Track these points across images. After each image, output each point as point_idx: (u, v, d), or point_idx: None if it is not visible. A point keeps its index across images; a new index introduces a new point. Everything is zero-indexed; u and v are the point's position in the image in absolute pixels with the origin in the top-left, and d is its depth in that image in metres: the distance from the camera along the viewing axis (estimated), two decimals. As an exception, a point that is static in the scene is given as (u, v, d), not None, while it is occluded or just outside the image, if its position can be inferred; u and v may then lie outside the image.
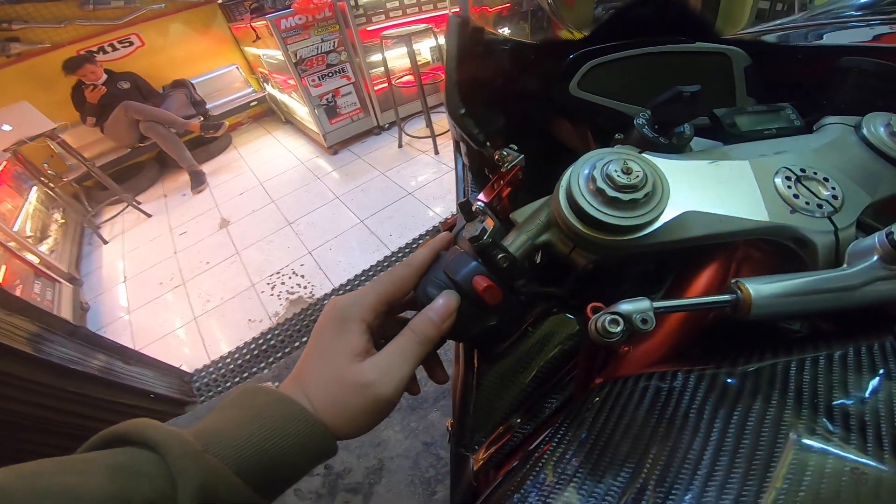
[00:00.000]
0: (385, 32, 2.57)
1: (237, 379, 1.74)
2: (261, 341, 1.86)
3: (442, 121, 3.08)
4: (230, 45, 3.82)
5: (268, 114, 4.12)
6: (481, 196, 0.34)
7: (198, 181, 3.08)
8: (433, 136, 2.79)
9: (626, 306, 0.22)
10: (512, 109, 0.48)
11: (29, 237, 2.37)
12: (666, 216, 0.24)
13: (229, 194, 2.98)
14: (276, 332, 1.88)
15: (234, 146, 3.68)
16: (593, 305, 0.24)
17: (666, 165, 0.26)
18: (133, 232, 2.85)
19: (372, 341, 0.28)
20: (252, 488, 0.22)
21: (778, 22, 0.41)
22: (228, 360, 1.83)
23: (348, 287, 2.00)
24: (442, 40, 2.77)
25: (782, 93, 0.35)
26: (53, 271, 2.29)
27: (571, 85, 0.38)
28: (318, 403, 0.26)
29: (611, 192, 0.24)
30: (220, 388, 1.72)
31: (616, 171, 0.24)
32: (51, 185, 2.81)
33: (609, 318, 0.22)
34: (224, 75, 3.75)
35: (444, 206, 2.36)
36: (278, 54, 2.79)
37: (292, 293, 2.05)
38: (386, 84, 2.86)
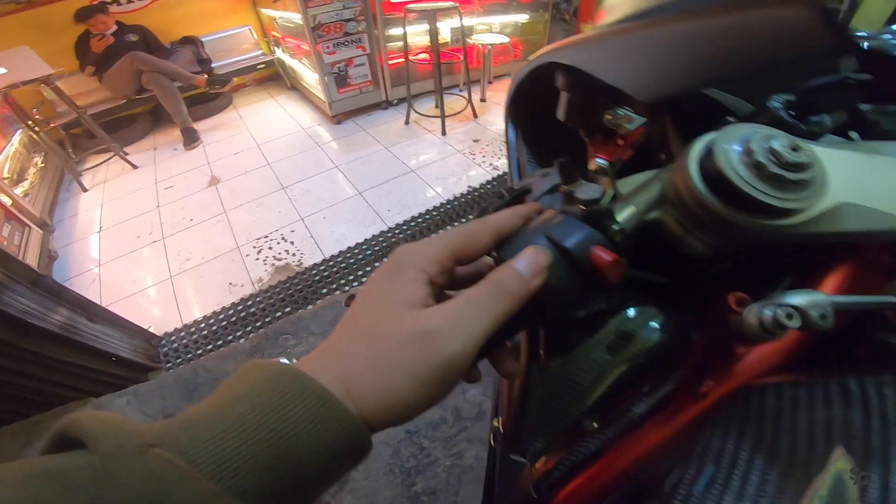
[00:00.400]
0: (410, 5, 2.48)
1: (210, 346, 1.61)
2: (240, 307, 1.73)
3: (453, 102, 2.99)
4: (246, 6, 3.69)
5: (273, 78, 3.99)
6: (603, 154, 0.30)
7: (190, 138, 2.97)
8: (442, 117, 2.72)
9: (798, 299, 0.20)
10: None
11: (5, 178, 2.22)
12: (822, 204, 0.22)
13: (223, 153, 2.84)
14: (258, 299, 1.75)
15: (235, 107, 3.55)
16: (738, 297, 0.23)
17: (817, 152, 0.24)
18: (116, 182, 2.70)
19: (433, 295, 0.23)
20: (240, 498, 0.15)
21: (878, 32, 0.41)
22: (203, 325, 1.69)
23: (339, 259, 1.88)
24: (467, 22, 2.70)
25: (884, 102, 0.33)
26: (25, 215, 2.14)
27: None
28: (349, 375, 0.19)
29: (773, 169, 0.21)
30: (189, 356, 1.59)
31: (784, 146, 0.22)
32: (36, 129, 2.70)
33: (784, 311, 0.20)
34: (235, 35, 3.65)
35: (444, 187, 2.27)
36: (296, 17, 2.68)
37: (279, 259, 1.93)
38: (402, 59, 2.79)
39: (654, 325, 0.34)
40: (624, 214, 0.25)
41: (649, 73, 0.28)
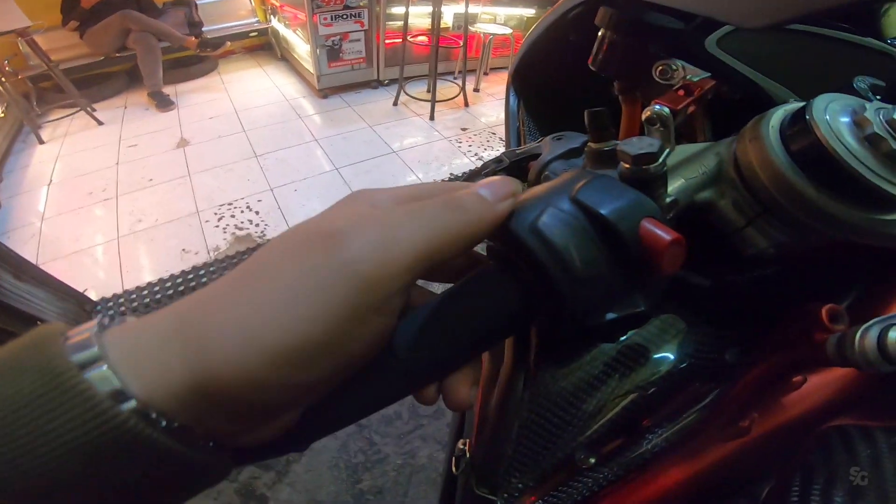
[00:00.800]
0: (418, -16, 2.40)
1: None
2: (191, 276, 1.60)
3: (445, 89, 2.91)
4: (250, -31, 3.55)
5: (264, 48, 3.85)
6: (663, 100, 0.24)
7: (163, 102, 2.81)
8: (433, 102, 2.64)
9: None
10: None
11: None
12: None
13: (197, 116, 2.69)
14: (212, 268, 1.62)
15: (219, 72, 3.39)
16: (832, 309, 0.19)
17: None
18: (77, 136, 2.53)
19: None
20: None
21: None
22: (146, 291, 1.55)
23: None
24: (471, 9, 2.66)
25: None
26: (-30, 161, 1.97)
27: (709, 40, 0.32)
28: (200, 312, 0.13)
29: (895, 144, 0.16)
30: (128, 322, 1.44)
31: None
32: (2, 79, 2.53)
33: None
34: (233, 0, 3.52)
35: (426, 172, 2.18)
36: (298, -17, 2.58)
37: (241, 228, 1.80)
38: (399, 40, 2.70)
39: (676, 341, 0.26)
40: (674, 185, 0.20)
41: None
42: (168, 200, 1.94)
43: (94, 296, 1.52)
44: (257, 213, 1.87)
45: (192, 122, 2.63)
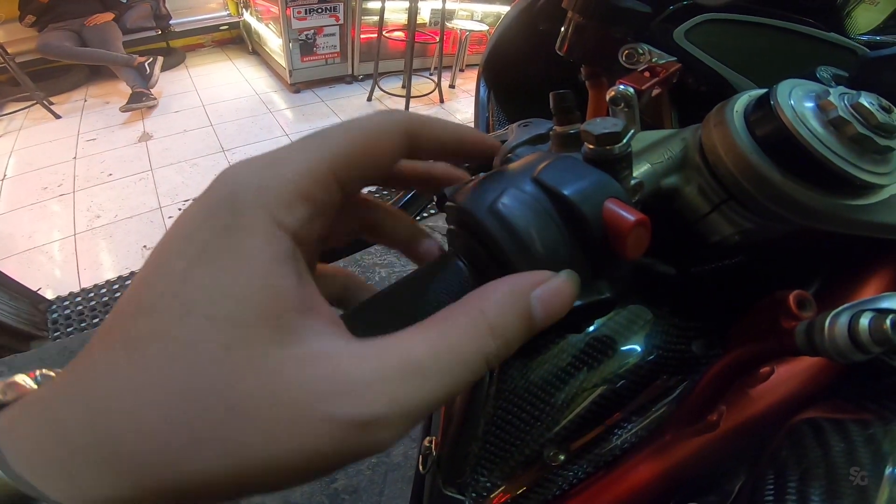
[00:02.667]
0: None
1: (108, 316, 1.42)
2: (152, 274, 1.54)
3: (420, 85, 2.90)
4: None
5: (235, 41, 3.74)
6: (627, 80, 0.24)
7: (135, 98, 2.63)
8: (408, 97, 2.63)
9: None
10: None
11: None
12: None
13: (162, 110, 2.61)
14: (174, 266, 1.57)
15: (186, 66, 3.28)
16: (800, 296, 0.18)
17: None
18: (32, 130, 2.41)
19: (304, 268, 0.12)
20: None
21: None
22: (104, 290, 1.49)
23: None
24: (449, 6, 2.65)
25: None
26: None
27: (677, 32, 0.32)
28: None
29: (861, 129, 0.16)
30: (83, 324, 1.40)
31: (872, 103, 0.16)
32: None
33: (892, 319, 0.14)
34: (203, -7, 3.44)
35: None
36: (272, -24, 2.54)
37: (205, 225, 1.74)
38: (375, 35, 2.69)
39: (643, 332, 0.26)
40: (640, 170, 0.19)
41: None
42: (128, 195, 1.87)
43: (49, 294, 1.47)
44: (224, 208, 1.83)
45: (156, 115, 2.54)
